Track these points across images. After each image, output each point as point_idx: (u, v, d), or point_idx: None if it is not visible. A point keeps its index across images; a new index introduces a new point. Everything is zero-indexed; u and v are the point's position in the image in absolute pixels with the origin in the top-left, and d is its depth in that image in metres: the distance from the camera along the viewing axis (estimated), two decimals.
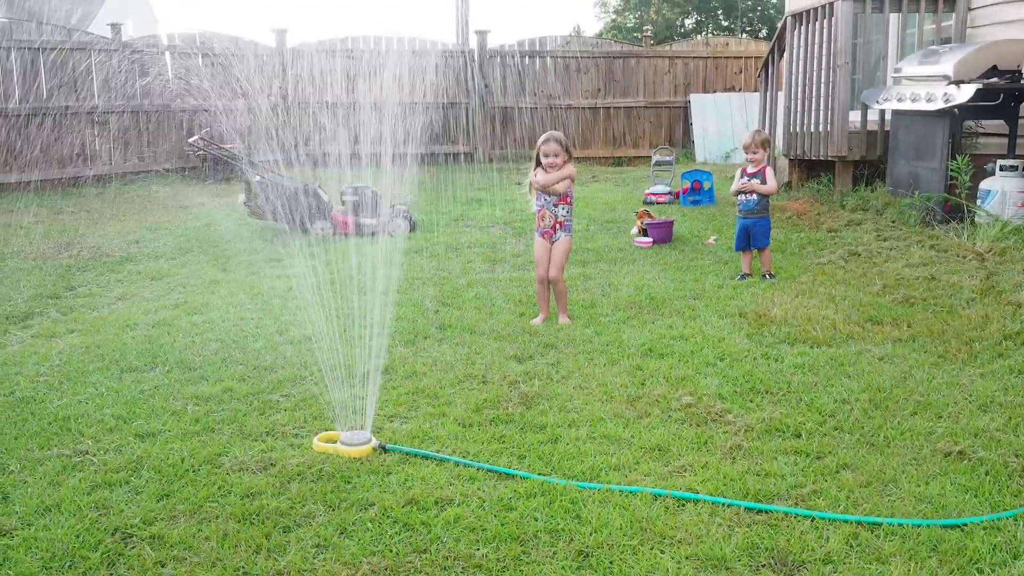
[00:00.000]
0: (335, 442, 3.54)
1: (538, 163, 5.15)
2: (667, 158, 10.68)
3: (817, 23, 8.63)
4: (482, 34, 15.69)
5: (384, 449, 3.50)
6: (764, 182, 6.24)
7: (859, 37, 8.99)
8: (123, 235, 8.46)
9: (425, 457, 3.43)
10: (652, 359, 4.54)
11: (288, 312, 5.57)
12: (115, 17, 18.81)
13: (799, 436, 3.53)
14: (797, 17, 9.18)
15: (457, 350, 4.77)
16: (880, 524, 2.81)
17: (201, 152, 8.72)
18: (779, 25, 9.82)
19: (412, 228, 8.49)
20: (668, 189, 9.71)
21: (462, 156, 15.41)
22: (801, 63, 9.04)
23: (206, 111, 13.13)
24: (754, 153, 6.26)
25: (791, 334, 4.84)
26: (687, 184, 9.43)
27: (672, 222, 7.62)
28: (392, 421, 3.84)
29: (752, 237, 6.25)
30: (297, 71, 14.69)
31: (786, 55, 9.53)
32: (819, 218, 8.01)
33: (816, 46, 8.67)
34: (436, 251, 7.54)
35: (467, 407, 3.93)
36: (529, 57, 15.82)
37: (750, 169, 6.33)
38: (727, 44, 16.57)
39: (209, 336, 5.11)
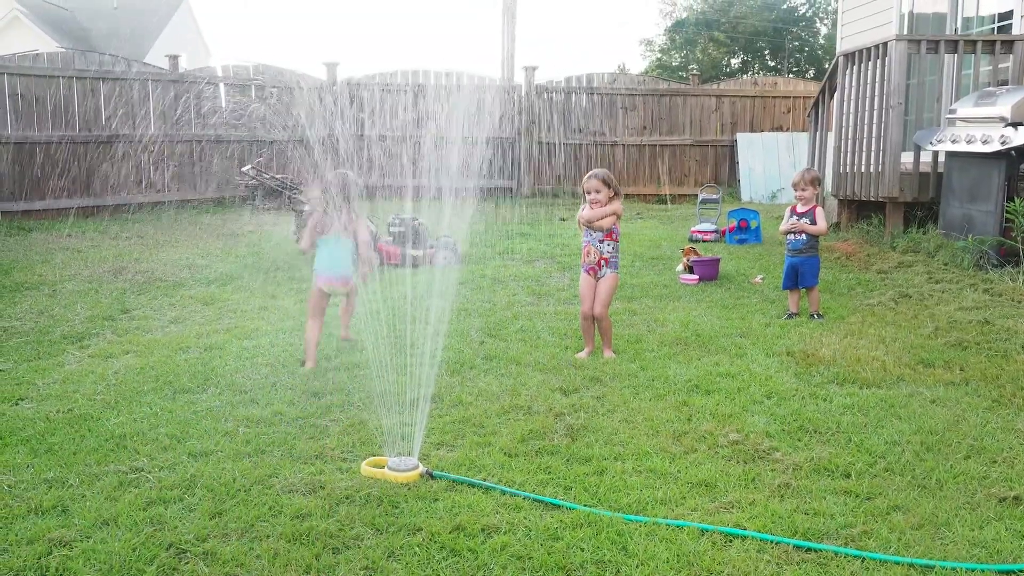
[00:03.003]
0: (383, 467, 3.62)
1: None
2: (713, 196, 10.73)
3: (870, 63, 8.66)
4: (530, 70, 15.98)
5: (431, 476, 3.57)
6: (814, 222, 6.25)
7: (913, 78, 9.00)
8: (176, 261, 8.74)
9: (472, 485, 3.49)
10: (698, 395, 4.56)
11: (335, 340, 5.70)
12: (169, 50, 19.62)
13: (848, 476, 3.52)
14: (849, 57, 9.22)
15: (502, 381, 4.85)
16: (933, 568, 2.79)
17: (253, 181, 9.01)
18: (830, 65, 9.87)
19: (458, 260, 8.62)
20: (714, 227, 9.74)
21: (508, 191, 15.62)
22: (852, 103, 9.06)
23: (269, 142, 13.58)
24: (803, 191, 6.28)
25: (840, 374, 4.82)
26: (733, 223, 9.45)
27: (718, 260, 7.64)
28: (439, 449, 3.91)
29: (800, 276, 6.25)
30: (361, 105, 15.08)
31: (837, 95, 9.56)
32: (869, 259, 7.96)
33: (868, 86, 8.69)
34: (482, 283, 7.65)
35: (512, 437, 3.98)
36: (576, 93, 16.05)
37: (800, 208, 6.35)
38: (775, 83, 16.63)
39: (259, 360, 5.26)
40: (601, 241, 5.20)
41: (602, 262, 5.23)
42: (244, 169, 9.13)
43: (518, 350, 5.46)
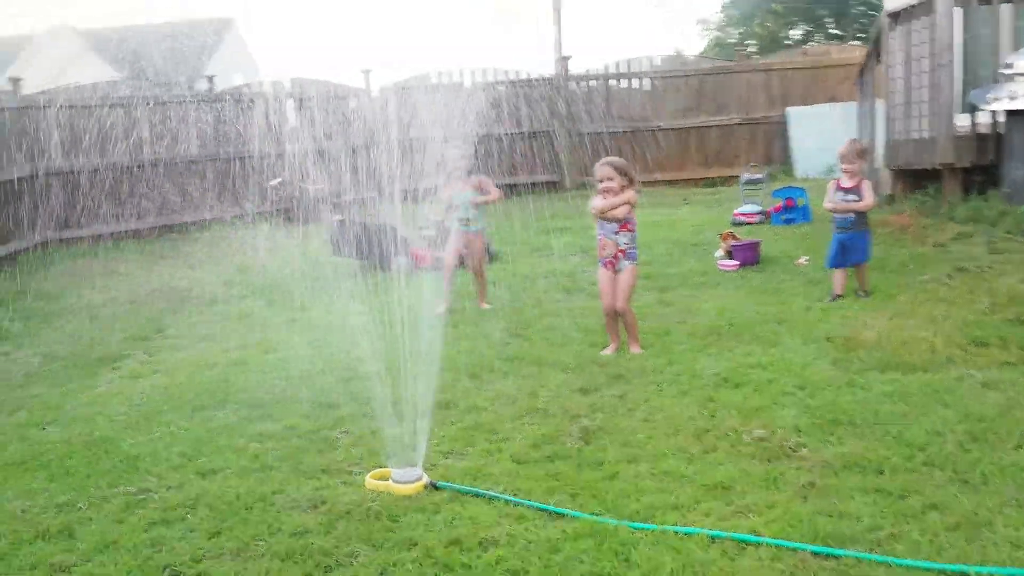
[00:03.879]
0: (387, 479, 3.55)
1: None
2: (757, 176, 10.35)
3: (917, 21, 8.20)
4: (564, 60, 15.77)
5: (435, 487, 3.48)
6: (861, 197, 5.96)
7: (967, 32, 8.47)
8: (214, 278, 8.88)
9: (475, 495, 3.38)
10: (726, 389, 4.35)
11: (357, 348, 5.67)
12: (222, 71, 19.97)
13: (881, 472, 3.28)
14: (895, 16, 8.76)
15: (522, 383, 4.72)
16: (967, 573, 2.56)
17: (283, 194, 9.10)
18: (875, 26, 9.40)
19: (491, 259, 8.52)
20: (759, 208, 9.39)
21: (548, 185, 15.44)
22: (901, 66, 8.60)
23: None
24: (851, 163, 5.99)
25: (883, 359, 4.54)
26: (779, 202, 9.10)
27: (758, 243, 7.35)
28: (448, 457, 3.82)
29: (849, 252, 5.97)
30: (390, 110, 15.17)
31: (884, 57, 9.10)
32: (924, 232, 7.54)
33: (917, 48, 8.24)
34: (512, 282, 7.53)
35: (525, 443, 3.86)
36: (615, 80, 15.76)
37: (845, 182, 6.06)
38: (827, 52, 16.02)
39: (280, 374, 5.26)
40: (616, 232, 5.02)
41: (619, 255, 5.04)
42: (272, 183, 9.21)
43: (542, 350, 5.32)
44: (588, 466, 3.58)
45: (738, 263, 7.13)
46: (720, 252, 7.58)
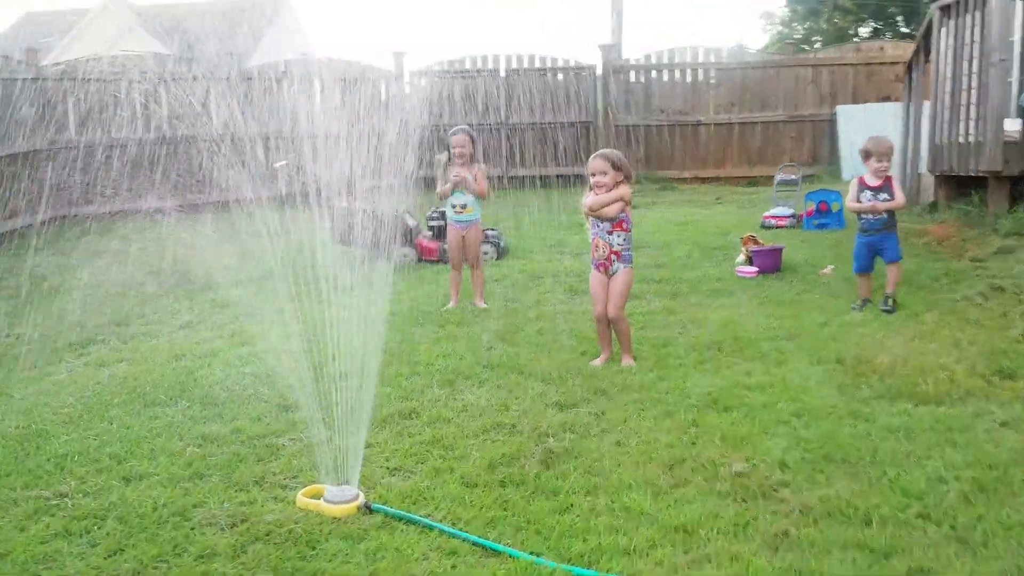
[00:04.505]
0: (320, 498, 3.27)
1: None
2: (792, 177, 9.82)
3: (968, 15, 7.64)
4: (607, 48, 15.33)
5: (369, 509, 3.20)
6: (892, 196, 5.58)
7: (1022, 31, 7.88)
8: (214, 261, 8.71)
9: (410, 522, 3.08)
10: (713, 412, 3.98)
11: (333, 345, 5.42)
12: (275, 49, 19.85)
13: (868, 524, 2.90)
14: (945, 9, 8.19)
15: (496, 394, 4.41)
16: None
17: (287, 177, 8.87)
18: (924, 21, 8.82)
19: (500, 255, 8.21)
20: (791, 211, 8.90)
21: (581, 178, 15.03)
22: (949, 64, 8.04)
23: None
24: (881, 162, 5.61)
25: (894, 387, 4.12)
26: (812, 205, 8.60)
27: (780, 249, 6.90)
28: (394, 475, 3.53)
29: (882, 252, 5.71)
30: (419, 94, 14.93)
31: (932, 54, 8.53)
32: (964, 244, 7.01)
33: (967, 45, 7.67)
34: (517, 280, 7.21)
35: (480, 463, 3.55)
36: (656, 71, 15.27)
37: (871, 180, 5.66)
38: (882, 49, 15.30)
39: (246, 369, 5.03)
40: (610, 232, 4.65)
41: (612, 256, 4.68)
42: (277, 165, 9.00)
43: (527, 357, 5.00)
44: (542, 495, 3.25)
45: (757, 270, 6.70)
46: (741, 257, 7.16)
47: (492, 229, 8.64)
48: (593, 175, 4.61)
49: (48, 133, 11.33)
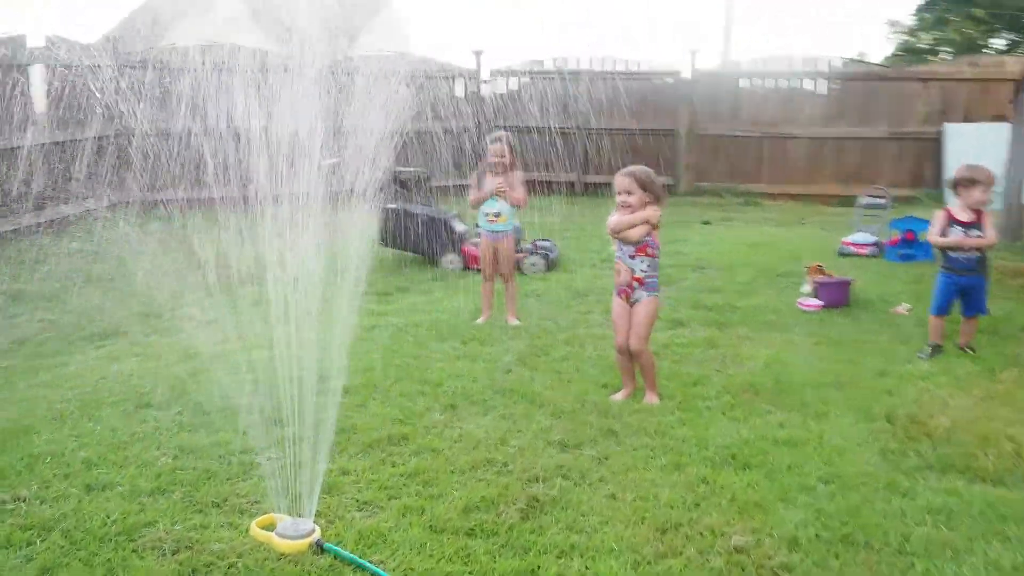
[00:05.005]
0: (272, 529, 3.09)
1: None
2: (879, 200, 9.14)
3: None
4: (694, 54, 14.81)
5: (321, 549, 2.99)
6: (984, 232, 5.12)
7: None
8: (262, 257, 8.73)
9: (360, 567, 2.86)
10: (730, 469, 3.61)
11: (352, 356, 5.27)
12: (377, 42, 19.94)
13: None
14: None
15: (498, 425, 4.14)
16: None
17: (335, 175, 8.80)
18: None
19: (549, 267, 7.91)
20: (874, 239, 8.28)
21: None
22: None
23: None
24: (983, 193, 5.13)
25: (948, 458, 3.65)
26: (897, 234, 7.97)
27: (848, 283, 6.37)
28: (360, 510, 3.32)
29: (970, 301, 5.23)
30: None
31: None
32: None
33: None
34: (558, 296, 6.91)
35: (456, 505, 3.30)
36: (748, 79, 14.66)
37: (960, 215, 5.18)
38: (1002, 63, 14.25)
39: (253, 376, 4.90)
40: (632, 257, 4.31)
41: (635, 283, 4.34)
42: (326, 163, 8.92)
43: (543, 384, 4.71)
44: (511, 550, 2.98)
45: (821, 303, 6.20)
46: (807, 287, 6.66)
47: (544, 239, 8.37)
48: (619, 193, 4.28)
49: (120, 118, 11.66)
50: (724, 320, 6.04)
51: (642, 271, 4.30)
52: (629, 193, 4.23)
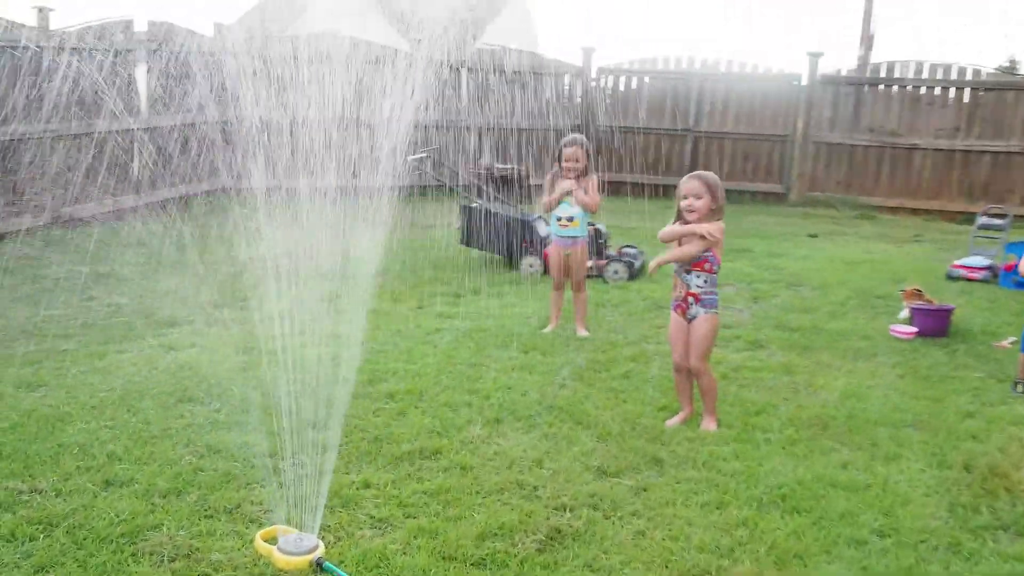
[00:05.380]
0: (274, 543, 3.00)
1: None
2: (998, 221, 8.39)
3: None
4: (815, 57, 14.10)
5: (320, 568, 2.88)
6: None
7: None
8: (337, 250, 8.82)
9: None
10: (776, 512, 3.30)
11: (405, 360, 5.22)
12: (499, 40, 20.05)
13: None
14: None
15: (538, 445, 3.95)
16: None
17: (420, 170, 8.77)
18: None
19: (632, 275, 7.64)
20: (988, 262, 7.60)
21: (768, 196, 13.93)
22: None
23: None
24: None
25: None
26: (1013, 259, 7.28)
27: (950, 310, 5.83)
28: (373, 527, 3.21)
29: None
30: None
31: None
32: None
33: None
34: (635, 307, 6.63)
35: (473, 530, 3.14)
36: (870, 85, 13.86)
37: None
38: None
39: (299, 375, 4.88)
40: (688, 271, 4.02)
41: (690, 299, 4.05)
42: (411, 158, 8.90)
43: (596, 403, 4.48)
44: None
45: (916, 331, 5.70)
46: (904, 313, 6.16)
47: (631, 246, 8.10)
48: (685, 198, 3.99)
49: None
50: (807, 343, 5.63)
51: (698, 287, 4.01)
52: (698, 198, 3.94)
